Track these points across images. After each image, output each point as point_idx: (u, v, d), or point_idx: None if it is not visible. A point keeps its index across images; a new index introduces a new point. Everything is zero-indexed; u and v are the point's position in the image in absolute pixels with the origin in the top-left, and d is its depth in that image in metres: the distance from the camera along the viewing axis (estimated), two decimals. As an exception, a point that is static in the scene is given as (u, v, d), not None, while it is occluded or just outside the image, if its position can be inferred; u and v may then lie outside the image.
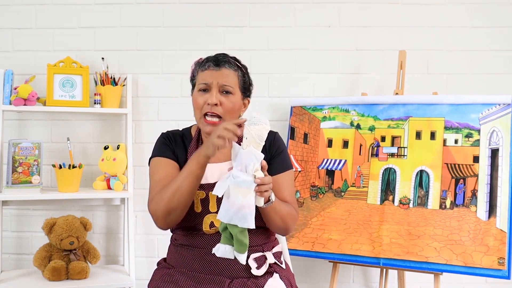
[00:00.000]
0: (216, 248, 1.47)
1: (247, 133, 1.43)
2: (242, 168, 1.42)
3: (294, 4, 2.79)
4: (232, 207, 1.40)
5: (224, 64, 1.63)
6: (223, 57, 1.65)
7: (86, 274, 2.39)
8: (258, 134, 1.43)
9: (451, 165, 2.26)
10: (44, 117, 2.73)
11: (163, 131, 1.77)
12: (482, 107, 2.25)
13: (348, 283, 2.80)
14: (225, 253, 1.46)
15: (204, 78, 1.62)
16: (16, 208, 2.69)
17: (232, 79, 1.63)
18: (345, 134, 2.50)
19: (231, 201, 1.40)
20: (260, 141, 1.44)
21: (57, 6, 2.74)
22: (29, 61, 2.71)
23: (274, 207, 1.53)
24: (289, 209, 1.62)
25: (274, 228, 1.63)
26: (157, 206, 1.55)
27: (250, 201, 1.41)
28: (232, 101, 1.63)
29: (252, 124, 1.43)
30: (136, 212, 2.71)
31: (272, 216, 1.56)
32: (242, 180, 1.40)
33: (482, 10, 2.78)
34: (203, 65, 1.64)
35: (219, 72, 1.62)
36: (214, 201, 1.61)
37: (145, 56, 2.77)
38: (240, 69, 1.67)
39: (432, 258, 2.17)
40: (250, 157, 1.42)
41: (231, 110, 1.63)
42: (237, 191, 1.40)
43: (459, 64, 2.77)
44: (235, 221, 1.40)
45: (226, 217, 1.41)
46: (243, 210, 1.39)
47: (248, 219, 1.40)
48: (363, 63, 2.80)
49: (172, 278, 1.61)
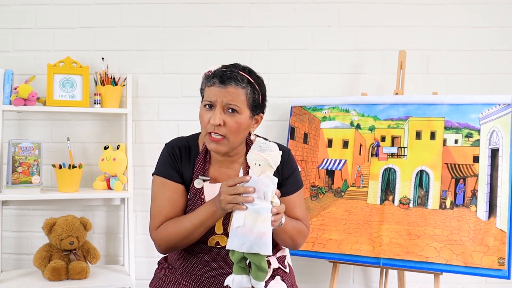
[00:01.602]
0: (230, 280, 1.43)
1: (260, 160, 1.38)
2: (259, 195, 1.38)
3: (294, 4, 2.79)
4: (251, 234, 1.35)
5: (231, 81, 1.51)
6: (231, 73, 1.52)
7: (86, 274, 2.39)
8: (274, 160, 1.39)
9: (451, 165, 2.26)
10: (44, 117, 2.73)
11: (167, 142, 1.68)
12: (482, 107, 2.25)
13: (348, 283, 2.80)
14: (242, 283, 1.41)
15: (209, 95, 1.53)
16: (16, 208, 2.69)
17: (239, 97, 1.52)
18: (345, 134, 2.50)
19: (247, 229, 1.36)
20: (275, 167, 1.40)
21: (57, 6, 2.74)
22: (29, 61, 2.71)
23: (284, 228, 1.51)
24: (299, 227, 1.61)
25: (283, 244, 1.65)
26: (162, 241, 1.58)
27: (269, 227, 1.37)
28: (238, 120, 1.52)
29: (266, 150, 1.39)
30: (136, 212, 2.71)
31: (281, 236, 1.55)
32: (261, 207, 1.36)
33: (482, 10, 2.77)
34: (209, 81, 1.54)
35: (225, 90, 1.51)
36: (220, 223, 1.59)
37: (145, 56, 2.77)
38: (250, 85, 1.54)
39: (432, 258, 2.17)
40: (267, 183, 1.38)
41: (236, 130, 1.53)
42: (255, 219, 1.36)
43: (459, 64, 2.77)
44: (256, 249, 1.36)
45: (244, 246, 1.36)
46: (264, 237, 1.35)
47: (269, 245, 1.36)
48: (363, 63, 2.80)
49: (173, 279, 1.61)
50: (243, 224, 1.36)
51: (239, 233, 1.37)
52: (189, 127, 1.83)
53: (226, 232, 1.57)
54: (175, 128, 2.73)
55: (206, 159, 1.63)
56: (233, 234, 1.38)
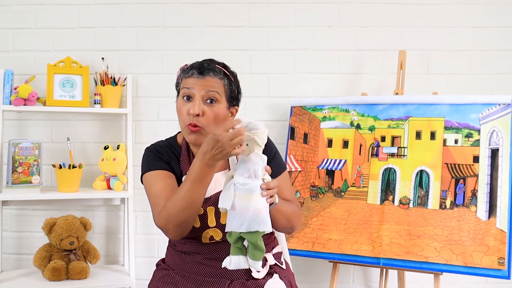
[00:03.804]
0: (227, 261, 1.42)
1: (247, 139, 1.40)
2: (250, 174, 1.40)
3: (294, 4, 2.79)
4: (247, 213, 1.36)
5: (209, 72, 1.55)
6: (208, 64, 1.57)
7: (86, 274, 2.39)
8: (261, 138, 1.41)
9: (451, 165, 2.26)
10: (44, 117, 2.73)
11: (147, 146, 1.69)
12: (482, 107, 2.25)
13: (348, 283, 2.80)
14: (239, 264, 1.41)
15: (187, 86, 1.56)
16: (16, 208, 2.69)
17: (217, 88, 1.55)
18: (345, 134, 2.50)
19: (243, 209, 1.37)
20: (262, 145, 1.42)
21: (57, 6, 2.74)
22: (29, 61, 2.71)
23: (278, 208, 1.52)
24: (292, 208, 1.62)
25: (280, 228, 1.63)
26: (167, 222, 1.47)
27: (264, 203, 1.39)
28: (216, 111, 1.55)
29: (252, 129, 1.40)
30: (136, 212, 2.71)
31: (277, 217, 1.55)
32: (253, 186, 1.38)
33: (482, 10, 2.77)
34: (187, 72, 1.58)
35: (203, 80, 1.54)
36: (212, 216, 1.58)
37: (145, 56, 2.77)
38: (226, 77, 1.59)
39: (432, 258, 2.17)
40: (257, 161, 1.40)
41: (214, 120, 1.55)
42: (249, 198, 1.37)
43: (459, 64, 2.77)
44: (255, 227, 1.37)
45: (243, 226, 1.37)
46: (260, 214, 1.37)
47: (267, 221, 1.38)
48: (363, 63, 2.80)
49: (172, 280, 1.61)
50: (236, 207, 1.37)
51: (236, 214, 1.38)
52: (189, 127, 1.82)
53: (220, 224, 1.57)
54: (175, 128, 2.70)
55: (189, 154, 1.65)
56: (231, 216, 1.39)
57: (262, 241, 1.41)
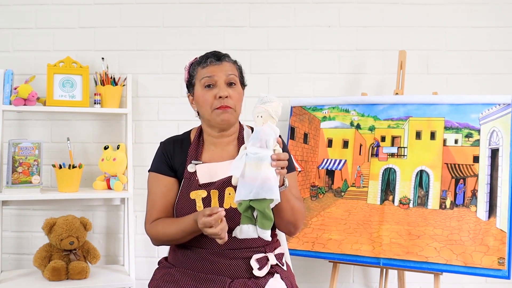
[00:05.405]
0: (238, 230, 1.46)
1: (262, 112, 1.46)
2: (262, 144, 1.43)
3: (294, 4, 2.79)
4: (256, 181, 1.39)
5: (225, 57, 1.68)
6: (220, 52, 1.70)
7: (86, 274, 2.39)
8: (275, 110, 1.47)
9: (451, 165, 2.26)
10: (44, 117, 2.73)
11: (162, 140, 1.78)
12: (482, 107, 2.25)
13: (348, 283, 2.80)
14: (248, 233, 1.45)
15: (207, 75, 1.64)
16: (16, 208, 2.69)
17: (234, 71, 1.68)
18: (345, 134, 2.50)
19: (252, 177, 1.40)
20: (276, 117, 1.47)
21: (57, 6, 2.74)
22: (29, 61, 2.71)
23: (286, 195, 1.53)
24: (299, 204, 1.64)
25: (285, 221, 1.61)
26: (153, 238, 1.68)
27: (273, 173, 1.41)
28: (239, 91, 1.68)
29: (266, 102, 1.47)
30: (136, 212, 2.71)
31: (284, 206, 1.55)
32: (264, 155, 1.41)
33: (482, 10, 2.78)
34: (204, 62, 1.66)
35: (222, 66, 1.65)
36: (216, 200, 1.61)
37: (145, 56, 2.77)
38: (235, 62, 1.73)
39: (432, 258, 2.17)
40: (269, 132, 1.44)
41: (239, 100, 1.67)
42: (259, 166, 1.40)
43: (459, 64, 2.77)
44: (263, 194, 1.39)
45: (251, 194, 1.40)
46: (268, 182, 1.39)
47: (275, 190, 1.40)
48: (363, 63, 2.80)
49: (173, 278, 1.61)
50: (246, 175, 1.41)
51: (245, 182, 1.41)
52: (189, 127, 1.82)
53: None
54: (175, 128, 2.73)
55: (198, 146, 1.72)
56: (240, 185, 1.42)
57: (271, 210, 1.43)
